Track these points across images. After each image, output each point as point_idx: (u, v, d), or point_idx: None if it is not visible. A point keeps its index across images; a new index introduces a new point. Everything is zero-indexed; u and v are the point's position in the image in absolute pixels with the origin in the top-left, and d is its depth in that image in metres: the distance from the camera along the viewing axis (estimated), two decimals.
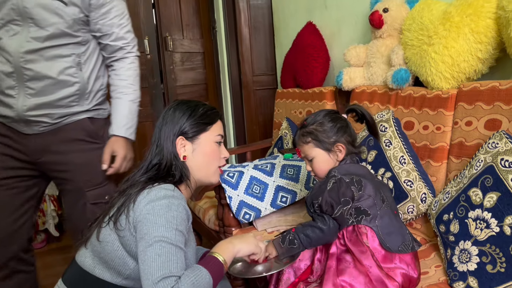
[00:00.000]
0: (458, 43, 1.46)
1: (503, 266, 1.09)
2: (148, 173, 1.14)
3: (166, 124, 1.18)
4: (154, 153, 1.18)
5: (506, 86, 1.31)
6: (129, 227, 1.03)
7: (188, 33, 3.73)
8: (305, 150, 1.26)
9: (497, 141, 1.25)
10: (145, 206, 1.01)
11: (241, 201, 1.72)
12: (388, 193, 1.25)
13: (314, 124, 1.24)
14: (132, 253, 1.04)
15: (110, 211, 1.10)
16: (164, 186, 1.06)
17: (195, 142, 1.19)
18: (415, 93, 1.64)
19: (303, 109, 2.37)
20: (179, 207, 1.03)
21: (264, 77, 3.50)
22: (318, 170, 1.26)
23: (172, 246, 0.96)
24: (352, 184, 1.15)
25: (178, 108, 1.20)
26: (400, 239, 1.16)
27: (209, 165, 1.23)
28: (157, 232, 0.96)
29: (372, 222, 1.15)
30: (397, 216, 1.22)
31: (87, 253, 1.12)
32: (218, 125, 1.23)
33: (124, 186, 1.14)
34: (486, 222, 1.17)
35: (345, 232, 1.18)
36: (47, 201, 2.81)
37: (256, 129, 3.59)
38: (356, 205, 1.16)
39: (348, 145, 1.23)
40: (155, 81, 3.46)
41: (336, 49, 2.30)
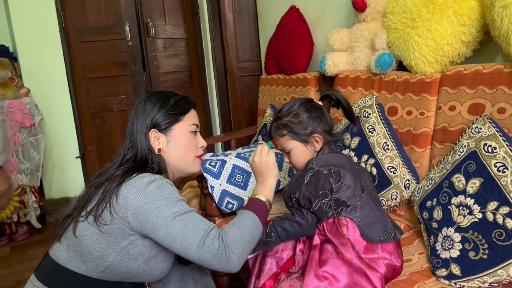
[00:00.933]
0: (442, 25, 1.42)
1: (485, 252, 1.08)
2: (124, 166, 1.10)
3: (137, 117, 1.15)
4: (127, 147, 1.15)
5: (489, 70, 1.29)
6: (118, 220, 1.00)
7: (170, 19, 3.64)
8: (281, 143, 1.24)
9: (481, 126, 1.23)
10: (136, 198, 0.99)
11: (223, 191, 1.68)
12: (369, 181, 1.23)
13: (289, 116, 1.21)
14: (117, 244, 1.02)
15: (87, 206, 1.06)
16: (143, 174, 1.05)
17: (168, 134, 1.16)
18: (398, 78, 1.61)
19: (287, 95, 2.33)
20: (167, 184, 1.03)
21: (249, 63, 3.45)
22: (296, 162, 1.23)
23: (187, 214, 1.00)
24: (330, 175, 1.12)
25: (149, 100, 1.16)
26: (381, 228, 1.14)
27: (186, 156, 1.20)
28: (165, 213, 0.98)
29: (352, 213, 1.13)
30: (378, 205, 1.20)
31: (61, 247, 1.08)
32: (191, 115, 1.20)
33: (99, 180, 1.10)
34: (469, 209, 1.15)
35: (325, 225, 1.15)
36: (28, 193, 2.75)
37: (242, 116, 3.55)
38: (335, 197, 1.13)
39: (325, 134, 1.21)
40: (137, 69, 3.39)
41: (320, 34, 2.26)
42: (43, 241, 2.81)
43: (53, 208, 3.13)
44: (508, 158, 1.11)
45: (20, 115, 2.70)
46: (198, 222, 0.99)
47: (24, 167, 2.73)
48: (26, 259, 2.54)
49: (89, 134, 3.39)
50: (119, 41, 3.33)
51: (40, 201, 2.88)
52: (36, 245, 2.74)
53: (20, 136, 2.71)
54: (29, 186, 2.76)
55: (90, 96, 3.35)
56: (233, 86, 3.49)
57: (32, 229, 2.89)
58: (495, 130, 1.18)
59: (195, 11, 3.70)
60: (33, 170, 2.80)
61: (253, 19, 3.27)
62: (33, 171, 2.80)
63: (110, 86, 3.38)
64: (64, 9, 3.15)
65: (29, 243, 2.79)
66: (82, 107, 3.34)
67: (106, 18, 3.29)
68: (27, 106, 2.76)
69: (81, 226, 1.05)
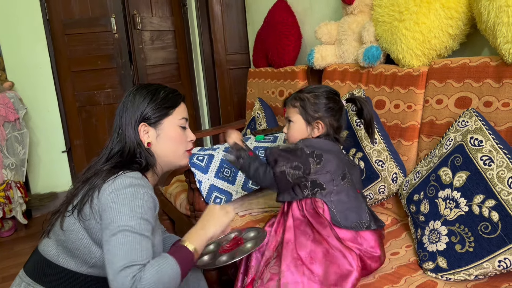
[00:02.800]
0: (429, 18, 1.42)
1: (471, 245, 1.09)
2: (111, 160, 1.09)
3: (126, 110, 1.12)
4: (115, 141, 1.12)
5: (476, 63, 1.29)
6: (94, 216, 0.99)
7: (157, 11, 3.59)
8: (289, 112, 1.27)
9: (467, 119, 1.23)
10: (109, 195, 0.97)
11: (211, 185, 1.67)
12: (357, 173, 1.26)
13: (309, 93, 1.24)
14: (98, 242, 1.01)
15: (74, 200, 1.05)
16: (129, 174, 1.02)
17: (158, 127, 1.14)
18: (386, 71, 1.60)
19: (276, 88, 2.32)
20: (145, 195, 0.99)
21: (237, 56, 3.42)
22: (290, 136, 1.27)
23: (136, 235, 0.93)
24: (311, 156, 1.16)
25: (138, 93, 1.14)
26: (354, 217, 1.16)
27: (176, 150, 1.18)
28: (121, 221, 0.93)
29: (327, 197, 1.16)
30: (359, 195, 1.22)
31: (50, 243, 1.07)
32: (181, 108, 1.18)
33: (87, 175, 1.08)
34: (455, 202, 1.16)
35: (304, 204, 1.18)
36: (13, 188, 2.70)
37: (231, 109, 3.53)
38: (312, 178, 1.16)
39: (330, 128, 1.23)
40: (124, 61, 3.34)
41: (308, 26, 2.24)
42: (29, 236, 2.78)
43: (40, 203, 3.09)
44: (494, 151, 1.12)
45: (3, 109, 2.65)
46: (136, 249, 0.91)
47: (9, 162, 2.69)
48: (12, 255, 2.50)
49: (75, 128, 3.34)
50: (105, 34, 3.27)
51: (26, 196, 2.84)
52: (22, 241, 2.71)
53: (4, 130, 2.66)
54: (14, 181, 2.72)
55: (76, 90, 3.30)
56: (221, 79, 3.47)
57: (18, 225, 2.86)
58: (481, 124, 1.19)
59: (183, 3, 3.65)
60: (18, 165, 2.75)
61: (241, 11, 3.24)
62: (18, 166, 2.76)
63: (96, 79, 3.33)
64: (48, 0, 3.09)
65: (15, 239, 2.76)
66: (68, 101, 3.28)
67: (91, 10, 3.23)
68: (11, 100, 2.71)
69: (67, 221, 1.03)
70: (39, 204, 3.09)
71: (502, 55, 1.20)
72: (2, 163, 2.65)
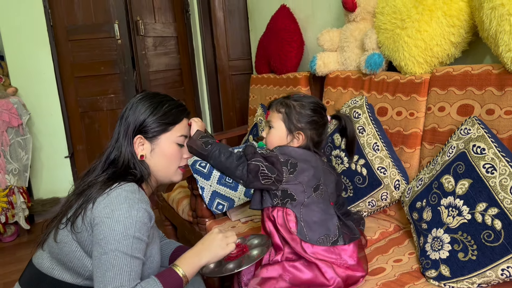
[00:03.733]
0: (431, 26, 1.43)
1: (474, 254, 1.09)
2: (106, 171, 1.08)
3: (126, 119, 1.11)
4: (112, 146, 1.12)
5: (478, 71, 1.29)
6: (86, 228, 0.99)
7: (160, 17, 3.61)
8: (272, 116, 1.22)
9: (469, 127, 1.24)
10: (104, 209, 0.97)
11: (213, 192, 1.68)
12: (331, 184, 1.22)
13: (296, 102, 1.20)
14: (90, 254, 1.00)
15: (68, 212, 1.04)
16: (125, 187, 1.01)
17: (154, 142, 1.12)
18: (388, 78, 1.61)
19: (278, 95, 2.33)
20: (139, 211, 0.98)
21: (240, 62, 3.44)
22: (269, 141, 1.22)
23: (127, 257, 0.93)
24: (285, 164, 1.13)
25: (141, 103, 1.12)
26: (323, 231, 1.14)
27: (168, 167, 1.16)
28: (113, 239, 0.93)
29: (296, 208, 1.14)
30: (330, 208, 1.19)
31: (44, 255, 1.07)
32: (181, 125, 1.16)
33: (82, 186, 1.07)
34: (458, 210, 1.16)
35: (275, 215, 1.16)
36: (16, 193, 2.71)
37: (233, 115, 3.54)
38: (283, 187, 1.14)
39: (310, 141, 1.19)
40: (127, 67, 3.36)
41: (311, 33, 2.25)
42: (31, 242, 2.78)
43: (42, 209, 3.10)
44: (496, 159, 1.12)
45: (7, 114, 2.66)
46: (125, 272, 0.92)
47: (12, 168, 2.70)
48: (14, 261, 2.51)
49: (78, 134, 3.35)
50: (108, 40, 3.29)
51: (29, 202, 2.84)
52: (24, 246, 2.71)
53: (7, 136, 2.67)
54: (17, 186, 2.73)
55: (79, 95, 3.31)
56: (223, 85, 3.48)
57: (20, 230, 2.86)
58: (483, 131, 1.19)
59: (185, 9, 3.67)
60: (21, 170, 2.76)
61: (244, 17, 3.25)
62: (21, 172, 2.76)
63: (99, 85, 3.35)
64: (52, 7, 3.11)
65: (18, 244, 2.76)
66: (71, 106, 3.30)
67: (95, 16, 3.26)
68: (15, 106, 2.72)
69: (61, 233, 1.03)
70: (41, 209, 3.09)
71: (504, 63, 1.20)
72: (5, 169, 2.66)
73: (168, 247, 1.34)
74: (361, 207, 1.56)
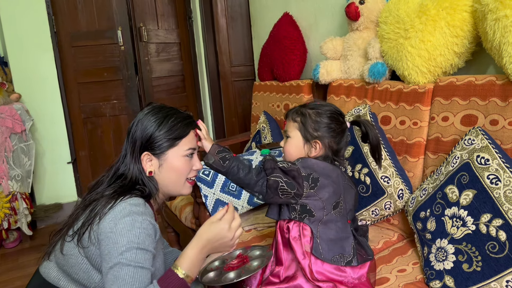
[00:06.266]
0: (435, 36, 1.43)
1: (479, 265, 1.09)
2: (113, 185, 1.08)
3: (134, 134, 1.11)
4: (121, 161, 1.12)
5: (481, 82, 1.30)
6: (93, 243, 0.99)
7: (163, 23, 3.63)
8: (289, 126, 1.20)
9: (473, 137, 1.24)
10: (108, 223, 0.97)
11: (217, 200, 1.68)
12: (351, 200, 1.19)
13: (312, 110, 1.16)
14: (97, 267, 1.01)
15: (75, 225, 1.05)
16: (130, 201, 1.01)
17: (161, 158, 1.12)
18: (391, 87, 1.61)
19: (281, 102, 2.34)
20: (143, 223, 0.98)
21: (242, 68, 3.45)
22: (287, 152, 1.20)
23: (130, 268, 0.93)
24: (306, 179, 1.10)
25: (147, 119, 1.11)
26: (338, 249, 1.12)
27: (177, 181, 1.15)
28: (116, 253, 0.94)
29: (313, 224, 1.12)
30: (347, 227, 1.17)
31: (51, 265, 1.08)
32: (188, 139, 1.15)
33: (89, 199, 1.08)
34: (462, 220, 1.16)
35: (290, 226, 1.14)
36: (19, 199, 2.71)
37: (236, 121, 3.55)
38: (302, 202, 1.11)
39: (328, 149, 1.15)
40: (130, 73, 3.37)
41: (313, 41, 2.26)
42: (34, 248, 2.78)
43: (45, 214, 3.10)
44: (500, 170, 1.12)
45: (10, 121, 2.67)
46: (128, 284, 0.93)
47: (15, 174, 2.70)
48: (17, 267, 2.51)
49: (81, 140, 3.36)
50: (111, 46, 3.30)
51: (31, 208, 2.85)
52: (27, 252, 2.71)
53: (10, 142, 2.68)
54: (19, 192, 2.73)
55: (82, 101, 3.32)
56: (226, 91, 3.49)
57: (23, 236, 2.86)
58: (487, 142, 1.19)
59: (188, 16, 3.69)
60: (24, 176, 2.77)
61: (246, 24, 3.27)
62: (24, 178, 2.77)
63: (102, 91, 3.36)
64: (56, 13, 3.13)
65: (20, 250, 2.76)
66: (74, 112, 3.31)
67: (98, 23, 3.27)
68: (18, 112, 2.73)
69: (68, 245, 1.04)
70: (44, 215, 3.10)
71: (508, 74, 1.21)
72: (8, 175, 2.66)
73: (170, 256, 1.34)
74: (365, 216, 1.57)
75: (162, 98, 3.61)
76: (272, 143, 2.12)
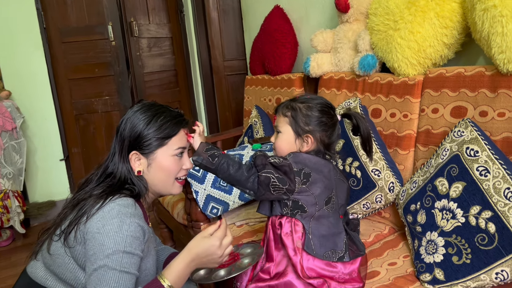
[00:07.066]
0: (424, 27, 1.42)
1: (468, 257, 1.08)
2: (102, 184, 1.06)
3: (122, 132, 1.09)
4: (110, 158, 1.10)
5: (471, 73, 1.29)
6: (79, 242, 0.98)
7: (154, 18, 3.59)
8: (279, 121, 1.18)
9: (463, 129, 1.23)
10: (96, 223, 0.96)
11: (208, 195, 1.67)
12: (343, 195, 1.19)
13: (302, 104, 1.14)
14: (84, 267, 0.99)
15: (62, 224, 1.03)
16: (118, 201, 0.99)
17: (150, 157, 1.10)
18: (382, 80, 1.60)
19: (273, 96, 2.32)
20: (131, 225, 0.97)
21: (235, 62, 3.42)
22: (278, 147, 1.18)
23: (115, 272, 0.92)
24: (298, 175, 1.08)
25: (136, 117, 1.09)
26: (330, 245, 1.11)
27: (166, 180, 1.13)
28: (102, 255, 0.92)
29: (305, 220, 1.10)
30: (339, 222, 1.16)
31: (38, 265, 1.06)
32: (178, 137, 1.12)
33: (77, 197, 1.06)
34: (452, 213, 1.15)
35: (282, 221, 1.13)
36: (11, 197, 2.69)
37: (229, 115, 3.52)
38: (294, 198, 1.10)
39: (320, 143, 1.14)
40: (121, 69, 3.34)
41: (304, 34, 2.24)
42: (27, 246, 2.77)
43: (38, 212, 3.08)
44: (490, 162, 1.11)
45: (0, 118, 2.65)
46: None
47: (6, 172, 2.68)
48: (10, 265, 2.49)
49: (73, 136, 3.33)
50: (102, 41, 3.27)
51: (24, 206, 2.83)
52: (20, 250, 2.70)
53: (1, 140, 2.65)
54: (11, 190, 2.71)
55: (74, 98, 3.29)
56: (219, 85, 3.46)
57: (16, 234, 2.85)
58: (477, 134, 1.18)
59: (180, 10, 3.66)
60: (16, 174, 2.75)
61: (238, 17, 3.24)
62: (16, 175, 2.75)
63: (94, 87, 3.32)
64: (45, 9, 3.09)
65: (13, 249, 2.75)
66: (65, 109, 3.28)
67: (88, 18, 3.23)
68: (8, 109, 2.70)
69: (54, 245, 1.02)
70: (37, 213, 3.08)
71: (497, 65, 1.19)
72: None
73: (162, 253, 1.33)
74: (356, 209, 1.56)
75: (154, 94, 3.58)
76: (264, 138, 2.11)
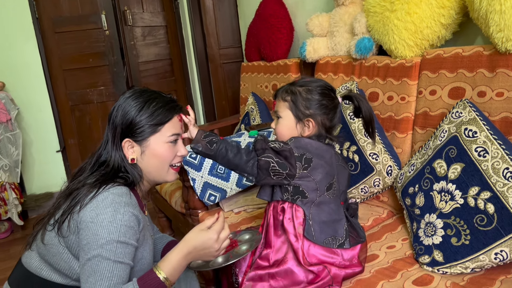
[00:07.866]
0: (421, 8, 1.40)
1: (467, 238, 1.08)
2: (96, 173, 1.05)
3: (114, 120, 1.06)
4: (103, 146, 1.08)
5: (469, 53, 1.27)
6: (73, 231, 0.97)
7: (148, 6, 3.55)
8: (279, 106, 1.16)
9: (461, 110, 1.22)
10: (90, 213, 0.94)
11: (205, 183, 1.65)
12: (344, 181, 1.18)
13: (302, 87, 1.12)
14: (78, 256, 0.98)
15: (56, 213, 1.02)
16: (112, 190, 0.98)
17: (143, 144, 1.07)
18: (379, 63, 1.58)
19: (269, 82, 2.30)
20: (125, 215, 0.95)
21: (231, 50, 3.39)
22: (279, 132, 1.16)
23: (109, 262, 0.91)
24: (299, 160, 1.07)
25: (128, 104, 1.06)
26: (330, 232, 1.11)
27: (160, 167, 1.11)
28: (96, 245, 0.91)
29: (306, 206, 1.09)
30: (340, 208, 1.15)
31: (32, 255, 1.05)
32: (172, 124, 1.09)
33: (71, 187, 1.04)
34: (450, 194, 1.14)
35: (285, 207, 1.12)
36: (8, 190, 2.68)
37: (226, 104, 3.50)
38: (295, 183, 1.09)
39: (321, 127, 1.12)
40: (116, 59, 3.30)
41: (300, 19, 2.22)
42: (25, 238, 2.72)
43: (35, 204, 3.08)
44: (488, 142, 1.10)
45: None
46: (106, 278, 0.90)
47: (2, 164, 2.67)
48: (9, 257, 2.49)
49: (69, 127, 3.31)
50: (95, 31, 3.23)
51: (21, 198, 2.82)
52: (18, 243, 2.70)
53: None
54: (8, 182, 2.70)
55: (69, 88, 3.26)
56: (215, 74, 3.43)
57: (14, 226, 2.84)
58: (475, 114, 1.17)
59: None
60: (12, 166, 2.73)
61: (233, 4, 3.20)
62: (12, 167, 2.73)
63: (89, 78, 3.29)
64: None
65: (11, 241, 2.75)
66: (60, 100, 3.25)
67: (81, 7, 3.19)
68: (3, 101, 2.68)
69: (48, 234, 1.01)
70: (34, 205, 3.07)
71: (495, 44, 1.18)
72: None
73: (160, 241, 1.32)
74: (354, 194, 1.55)
75: (150, 83, 3.54)
76: (261, 124, 2.09)
